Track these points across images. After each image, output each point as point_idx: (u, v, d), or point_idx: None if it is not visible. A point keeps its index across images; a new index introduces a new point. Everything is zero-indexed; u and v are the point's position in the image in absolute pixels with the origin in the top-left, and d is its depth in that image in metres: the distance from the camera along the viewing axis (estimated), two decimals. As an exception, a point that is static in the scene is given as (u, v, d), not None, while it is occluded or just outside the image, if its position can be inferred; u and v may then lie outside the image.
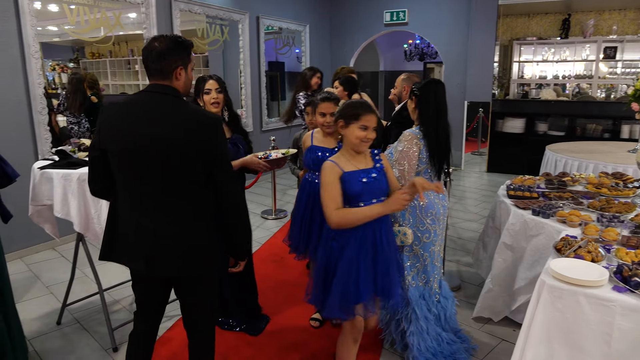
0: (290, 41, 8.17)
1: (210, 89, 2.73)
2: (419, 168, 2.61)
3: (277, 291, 3.65)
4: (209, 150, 1.83)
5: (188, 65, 1.89)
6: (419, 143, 2.58)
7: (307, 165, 2.85)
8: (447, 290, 2.81)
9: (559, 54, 8.33)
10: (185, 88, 1.92)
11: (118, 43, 10.01)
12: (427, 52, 11.64)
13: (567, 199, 3.01)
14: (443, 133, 2.61)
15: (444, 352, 2.62)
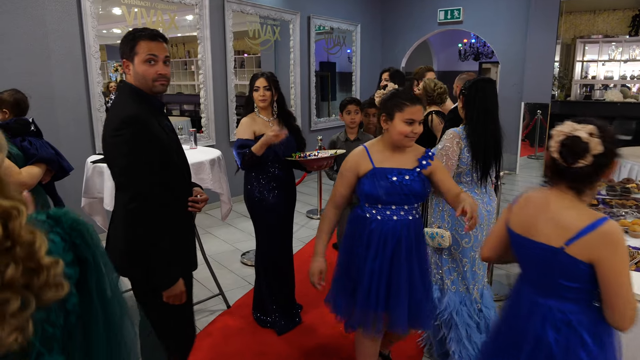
0: (341, 41, 8.13)
1: (259, 86, 2.86)
2: (460, 169, 2.48)
3: (318, 291, 3.62)
4: (105, 151, 1.81)
5: (135, 58, 1.80)
6: (461, 143, 2.44)
7: (377, 197, 2.02)
8: (489, 301, 2.61)
9: (628, 52, 7.82)
10: (139, 81, 1.82)
11: (175, 45, 10.40)
12: (483, 52, 11.26)
13: (631, 207, 2.80)
14: (491, 136, 2.45)
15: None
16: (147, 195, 1.71)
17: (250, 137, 2.84)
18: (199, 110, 5.75)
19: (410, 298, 2.05)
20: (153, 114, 1.82)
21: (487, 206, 2.55)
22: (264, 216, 2.95)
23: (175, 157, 1.89)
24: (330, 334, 3.02)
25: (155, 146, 1.76)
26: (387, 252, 2.04)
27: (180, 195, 1.94)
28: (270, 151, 2.83)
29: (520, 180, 7.59)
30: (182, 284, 1.82)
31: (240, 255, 4.32)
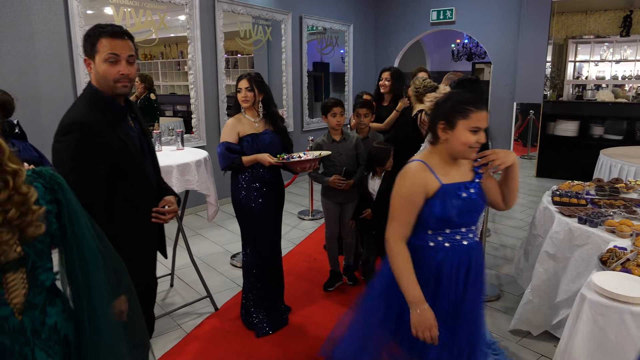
0: (333, 41, 8.11)
1: (241, 87, 2.87)
2: None
3: (308, 293, 3.60)
4: (52, 157, 1.72)
5: (95, 56, 1.73)
6: None
7: (449, 219, 1.68)
8: None
9: (619, 53, 7.84)
10: (99, 82, 1.75)
11: (169, 45, 10.34)
12: (476, 52, 11.28)
13: (619, 207, 2.79)
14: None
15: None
16: (90, 207, 1.60)
17: (234, 139, 2.84)
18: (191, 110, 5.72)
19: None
20: (110, 119, 1.72)
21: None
22: (250, 217, 2.92)
23: (134, 165, 1.78)
24: (318, 336, 2.99)
25: (102, 154, 1.66)
26: (459, 287, 1.71)
27: (141, 205, 1.84)
28: (253, 151, 2.85)
29: (512, 180, 7.58)
30: (122, 301, 1.66)
31: (229, 257, 4.29)
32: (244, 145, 2.86)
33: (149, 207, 1.87)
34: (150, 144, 1.94)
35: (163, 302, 3.47)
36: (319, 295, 3.55)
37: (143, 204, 1.84)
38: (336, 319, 3.15)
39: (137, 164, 1.79)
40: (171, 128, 5.97)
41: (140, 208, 1.84)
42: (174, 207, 1.97)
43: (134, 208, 1.79)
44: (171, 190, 2.06)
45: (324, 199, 3.52)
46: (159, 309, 3.35)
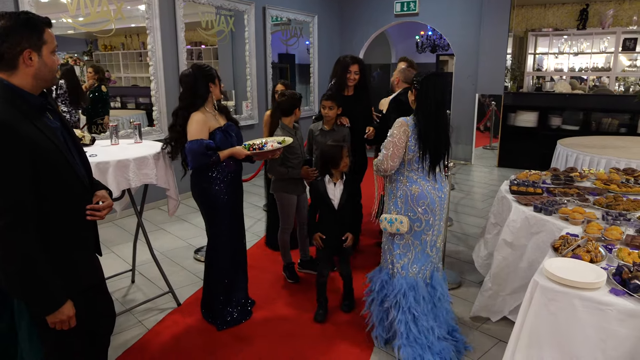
0: (298, 32, 8.05)
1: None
2: (408, 156, 2.57)
3: (273, 284, 3.58)
4: None
5: (43, 48, 1.60)
6: (408, 131, 2.55)
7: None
8: (439, 281, 2.72)
9: (577, 45, 8.08)
10: (41, 75, 1.62)
11: (130, 36, 10.04)
12: (439, 44, 11.42)
13: (573, 196, 2.88)
14: (442, 128, 2.57)
15: (432, 347, 2.54)
16: (15, 210, 1.51)
17: (206, 135, 2.73)
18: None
19: None
20: (28, 115, 1.58)
21: (439, 192, 2.63)
22: (221, 212, 2.86)
23: (62, 160, 1.65)
24: (283, 328, 2.98)
25: (24, 153, 1.51)
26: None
27: (74, 203, 1.73)
28: (228, 145, 2.81)
29: (475, 170, 7.76)
30: (69, 307, 1.65)
31: (193, 252, 4.22)
32: (217, 140, 2.76)
33: (82, 204, 1.76)
34: (73, 136, 1.80)
35: (124, 299, 3.38)
36: (283, 288, 3.54)
37: (76, 201, 1.73)
38: (300, 310, 3.17)
39: (64, 160, 1.66)
40: (132, 121, 5.81)
41: (74, 206, 1.73)
42: (109, 202, 1.85)
43: (65, 208, 1.68)
44: (102, 184, 1.94)
45: (283, 193, 3.46)
46: (119, 306, 3.27)
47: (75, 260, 1.74)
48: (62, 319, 1.64)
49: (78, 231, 1.76)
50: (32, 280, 1.56)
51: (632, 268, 1.81)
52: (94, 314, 1.87)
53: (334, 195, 3.03)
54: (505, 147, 7.91)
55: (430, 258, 2.67)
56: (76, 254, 1.75)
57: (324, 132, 3.67)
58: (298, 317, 3.12)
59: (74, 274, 1.74)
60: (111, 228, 4.83)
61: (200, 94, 2.77)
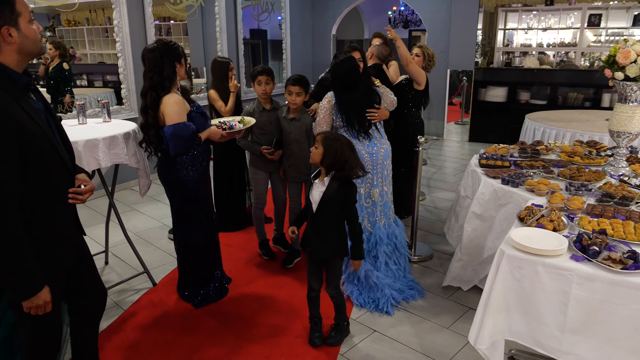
0: (269, 7, 7.91)
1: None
2: (336, 123, 3.08)
3: (248, 261, 3.61)
4: None
5: (19, 20, 1.52)
6: (332, 101, 3.05)
7: None
8: (381, 230, 3.14)
9: (545, 21, 8.19)
10: (27, 49, 1.56)
11: (94, 10, 9.64)
12: (412, 19, 11.41)
13: (538, 168, 2.97)
14: (357, 103, 3.03)
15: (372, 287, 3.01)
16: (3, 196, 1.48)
17: (186, 118, 2.62)
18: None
19: None
20: (14, 96, 1.53)
21: (369, 149, 3.07)
22: (195, 194, 2.82)
23: (46, 143, 1.60)
24: (259, 304, 3.03)
25: (11, 135, 1.47)
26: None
27: (59, 186, 1.70)
28: (205, 127, 2.76)
29: (446, 145, 7.89)
30: (46, 292, 1.63)
31: (167, 232, 4.20)
32: (196, 123, 2.66)
33: (64, 187, 1.73)
34: (54, 117, 1.76)
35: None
36: (258, 265, 3.57)
37: (58, 185, 1.70)
38: (275, 286, 3.21)
39: (49, 142, 1.62)
40: (100, 99, 5.65)
41: (58, 189, 1.70)
42: (90, 186, 1.81)
43: (48, 190, 1.66)
44: (79, 167, 1.90)
45: (253, 168, 3.50)
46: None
47: (58, 244, 1.72)
48: (39, 304, 1.62)
49: (61, 214, 1.73)
50: (13, 265, 1.54)
51: (591, 235, 1.90)
52: (81, 294, 1.88)
53: (313, 197, 2.48)
54: (476, 122, 8.04)
55: (365, 208, 3.11)
56: (59, 237, 1.73)
57: (288, 120, 3.33)
58: (274, 292, 3.17)
59: (57, 257, 1.72)
60: (82, 210, 4.75)
61: (166, 74, 2.57)
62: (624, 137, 2.87)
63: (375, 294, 3.01)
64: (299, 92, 3.21)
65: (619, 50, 2.71)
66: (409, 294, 3.06)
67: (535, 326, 1.84)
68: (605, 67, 2.82)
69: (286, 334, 2.72)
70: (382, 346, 2.61)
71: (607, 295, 1.69)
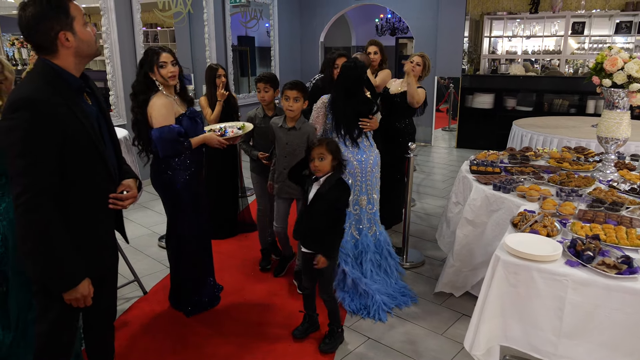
0: (258, 14, 7.92)
1: (165, 61, 2.65)
2: (328, 125, 3.14)
3: (240, 269, 3.58)
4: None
5: (74, 24, 1.57)
6: (325, 104, 3.10)
7: None
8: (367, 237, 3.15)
9: (529, 29, 8.32)
10: (83, 52, 1.62)
11: (81, 17, 9.57)
12: (399, 27, 11.51)
13: (529, 174, 3.00)
14: (350, 110, 3.03)
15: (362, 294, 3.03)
16: (38, 189, 1.52)
17: (173, 121, 2.63)
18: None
19: None
20: (65, 96, 1.57)
21: (358, 156, 3.09)
22: (186, 200, 2.80)
23: (92, 147, 1.65)
24: (251, 313, 3.00)
25: (54, 133, 1.52)
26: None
27: (98, 191, 1.72)
28: (195, 132, 2.75)
29: (435, 151, 7.95)
30: (86, 285, 1.66)
31: (157, 239, 4.16)
32: (184, 126, 2.67)
33: (106, 192, 1.74)
34: (109, 123, 1.79)
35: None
36: (251, 273, 3.55)
37: (99, 190, 1.72)
38: (269, 294, 3.19)
39: (94, 146, 1.65)
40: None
41: (97, 194, 1.71)
42: (133, 192, 1.83)
43: (89, 194, 1.68)
44: (132, 172, 1.92)
45: (254, 174, 3.49)
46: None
47: (95, 246, 1.75)
48: (77, 297, 1.65)
49: (100, 218, 1.76)
50: (50, 258, 1.57)
51: (584, 240, 1.92)
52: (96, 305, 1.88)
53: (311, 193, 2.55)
54: (463, 129, 8.12)
55: (353, 216, 3.14)
56: (97, 240, 1.76)
57: (284, 129, 3.06)
58: (267, 300, 3.15)
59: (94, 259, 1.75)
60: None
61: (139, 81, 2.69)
62: (612, 143, 2.92)
63: (366, 301, 3.01)
64: (296, 97, 2.96)
65: (606, 57, 2.77)
66: (402, 301, 3.06)
67: (531, 331, 1.85)
68: (592, 74, 2.87)
69: (280, 342, 2.70)
70: (377, 353, 2.60)
71: (602, 300, 1.71)
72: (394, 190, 4.16)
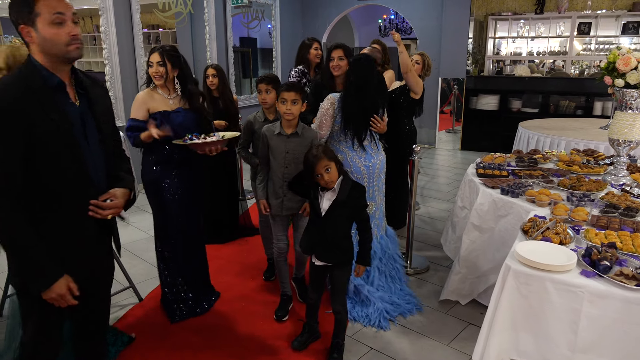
0: (259, 15, 7.83)
1: (152, 61, 2.67)
2: (335, 127, 2.92)
3: (239, 275, 3.48)
4: None
5: (37, 20, 1.50)
6: (335, 104, 2.86)
7: None
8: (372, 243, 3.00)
9: (534, 30, 8.21)
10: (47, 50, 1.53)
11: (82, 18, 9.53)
12: (402, 28, 11.40)
13: (538, 177, 2.90)
14: (364, 106, 2.86)
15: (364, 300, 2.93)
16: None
17: (142, 116, 2.68)
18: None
19: None
20: (41, 97, 1.51)
21: (365, 162, 2.93)
22: (158, 201, 2.77)
23: (65, 149, 1.56)
24: (249, 324, 2.90)
25: (17, 134, 1.46)
26: None
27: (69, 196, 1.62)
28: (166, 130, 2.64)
29: (439, 153, 7.84)
30: (62, 285, 1.58)
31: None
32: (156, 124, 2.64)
33: (84, 197, 1.64)
34: (101, 124, 1.70)
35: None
36: (250, 279, 3.44)
37: (75, 194, 1.62)
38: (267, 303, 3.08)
39: (68, 149, 1.57)
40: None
41: (72, 198, 1.62)
42: (117, 202, 1.71)
43: (63, 197, 1.60)
44: (127, 181, 1.80)
45: (255, 183, 3.34)
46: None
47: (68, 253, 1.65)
48: (52, 297, 1.59)
49: (76, 223, 1.66)
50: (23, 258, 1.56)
51: (600, 249, 1.82)
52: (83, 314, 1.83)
53: (322, 205, 2.38)
54: (468, 130, 8.01)
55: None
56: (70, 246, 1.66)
57: (283, 137, 2.72)
58: (265, 310, 3.02)
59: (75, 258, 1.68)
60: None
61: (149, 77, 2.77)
62: (625, 146, 2.82)
63: (368, 309, 2.90)
64: (294, 99, 2.63)
65: (619, 57, 2.66)
66: (406, 309, 2.96)
67: (544, 345, 1.75)
68: (604, 74, 2.76)
69: (279, 353, 2.59)
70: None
71: (621, 314, 1.60)
72: (397, 194, 4.06)
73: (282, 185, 2.75)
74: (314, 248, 2.45)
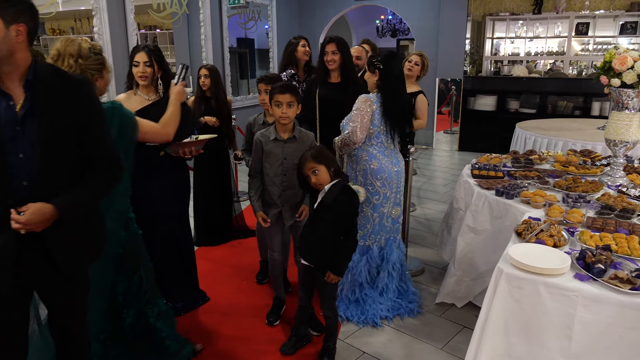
0: (256, 16, 7.79)
1: (138, 61, 2.54)
2: (371, 130, 2.76)
3: (231, 278, 3.44)
4: None
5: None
6: (372, 106, 2.72)
7: None
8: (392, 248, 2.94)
9: (532, 30, 8.18)
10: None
11: (79, 19, 9.49)
12: (400, 28, 11.37)
13: (533, 178, 2.86)
14: (403, 104, 2.81)
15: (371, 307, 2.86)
16: None
17: None
18: (101, 89, 5.26)
19: None
20: None
21: (395, 167, 2.87)
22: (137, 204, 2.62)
23: None
24: (241, 328, 2.86)
25: None
26: None
27: None
28: None
29: (436, 154, 7.80)
30: None
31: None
32: None
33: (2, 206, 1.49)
34: (43, 127, 1.52)
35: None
36: (242, 283, 3.40)
37: None
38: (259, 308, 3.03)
39: None
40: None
41: None
42: (25, 218, 1.47)
43: None
44: (66, 200, 1.56)
45: None
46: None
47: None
48: None
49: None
50: None
51: (595, 252, 1.78)
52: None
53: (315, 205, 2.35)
54: (465, 131, 7.97)
55: (385, 227, 2.92)
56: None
57: (279, 142, 2.61)
58: (257, 314, 2.97)
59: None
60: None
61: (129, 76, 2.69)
62: (621, 146, 2.78)
63: (363, 307, 2.87)
64: (290, 101, 2.51)
65: (615, 56, 2.62)
66: (409, 308, 2.91)
67: (537, 351, 1.71)
68: (600, 73, 2.73)
69: (269, 357, 2.55)
70: (373, 369, 2.46)
71: (615, 318, 1.56)
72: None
73: (280, 195, 2.65)
74: (301, 245, 2.44)
